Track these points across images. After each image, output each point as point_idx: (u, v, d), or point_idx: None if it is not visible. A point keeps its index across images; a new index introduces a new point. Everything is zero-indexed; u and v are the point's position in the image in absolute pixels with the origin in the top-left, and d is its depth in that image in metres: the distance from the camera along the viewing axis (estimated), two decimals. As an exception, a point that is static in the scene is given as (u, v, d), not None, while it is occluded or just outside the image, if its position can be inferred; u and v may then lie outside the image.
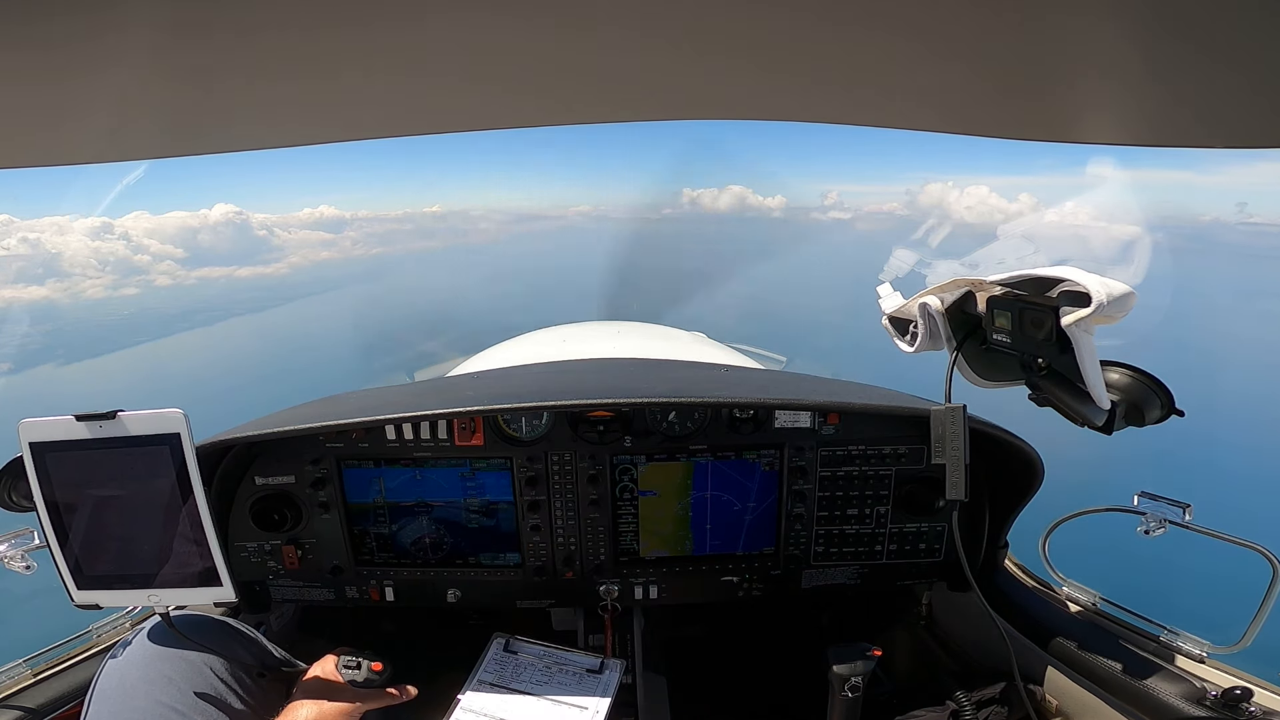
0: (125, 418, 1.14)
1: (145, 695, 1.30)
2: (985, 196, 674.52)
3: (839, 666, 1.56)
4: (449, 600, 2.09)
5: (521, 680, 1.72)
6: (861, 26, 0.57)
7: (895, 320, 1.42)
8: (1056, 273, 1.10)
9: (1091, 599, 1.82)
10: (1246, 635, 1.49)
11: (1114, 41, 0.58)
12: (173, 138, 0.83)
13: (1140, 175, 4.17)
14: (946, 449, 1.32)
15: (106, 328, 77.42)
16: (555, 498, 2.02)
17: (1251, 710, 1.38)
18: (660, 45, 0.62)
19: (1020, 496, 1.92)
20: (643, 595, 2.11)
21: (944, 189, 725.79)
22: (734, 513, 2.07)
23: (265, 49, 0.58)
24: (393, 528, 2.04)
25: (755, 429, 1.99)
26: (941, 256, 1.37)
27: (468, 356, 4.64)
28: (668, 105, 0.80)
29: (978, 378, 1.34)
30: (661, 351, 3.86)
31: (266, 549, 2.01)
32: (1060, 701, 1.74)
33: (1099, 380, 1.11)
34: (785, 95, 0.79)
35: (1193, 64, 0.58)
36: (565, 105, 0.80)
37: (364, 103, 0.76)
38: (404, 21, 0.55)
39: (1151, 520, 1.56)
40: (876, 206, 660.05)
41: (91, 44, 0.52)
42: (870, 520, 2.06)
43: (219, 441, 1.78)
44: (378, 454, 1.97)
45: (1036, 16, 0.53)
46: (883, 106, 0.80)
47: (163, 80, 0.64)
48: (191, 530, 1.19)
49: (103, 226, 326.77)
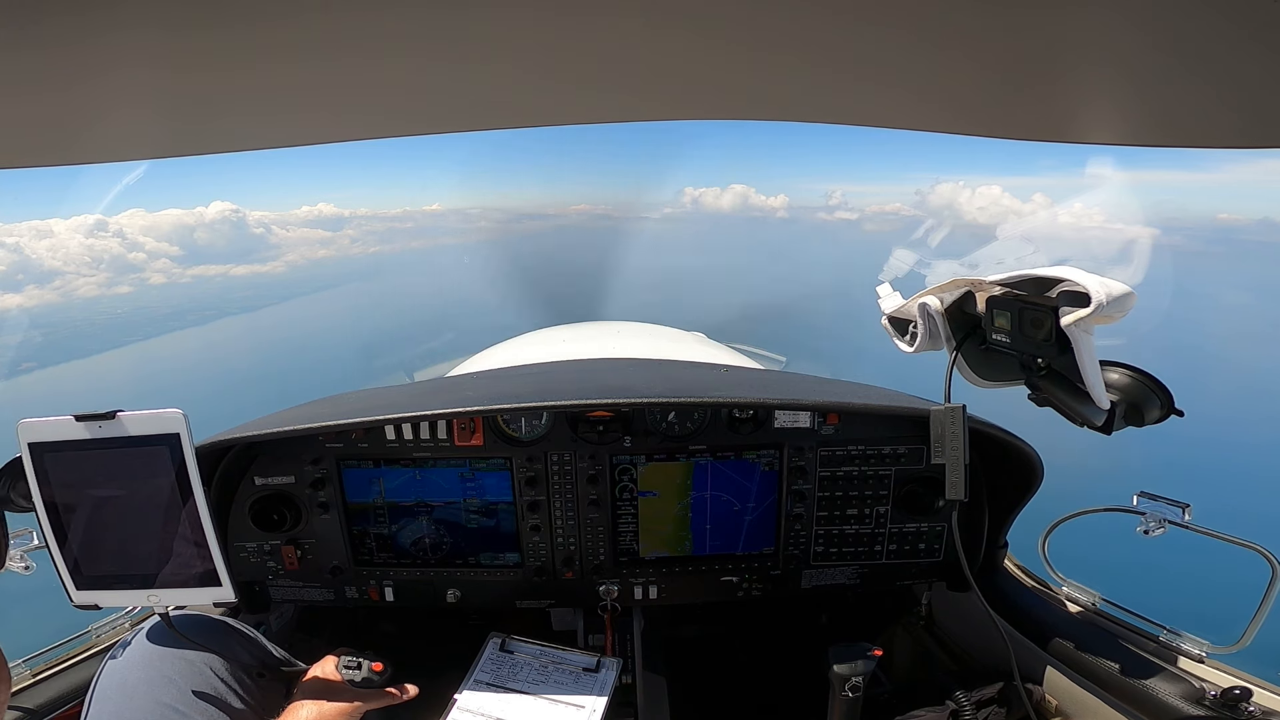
0: (124, 418, 1.14)
1: (146, 695, 1.30)
2: (998, 197, 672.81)
3: (839, 666, 1.56)
4: (449, 600, 2.09)
5: (518, 679, 1.72)
6: (862, 27, 0.57)
7: (895, 320, 1.42)
8: (1056, 273, 1.10)
9: (1091, 599, 1.82)
10: (1246, 635, 1.49)
11: (1116, 41, 0.58)
12: (173, 138, 0.83)
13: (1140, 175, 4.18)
14: (946, 449, 1.32)
15: (98, 326, 77.21)
16: (555, 498, 2.02)
17: (1251, 710, 1.38)
18: (661, 45, 0.62)
19: (1020, 496, 1.92)
20: (642, 595, 2.11)
21: (955, 189, 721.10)
22: (734, 513, 2.07)
23: (265, 49, 0.58)
24: (392, 528, 2.04)
25: (755, 429, 1.99)
26: (941, 256, 1.37)
27: (468, 356, 4.64)
28: (668, 105, 0.80)
29: (977, 378, 1.34)
30: (661, 351, 3.86)
31: (266, 549, 2.01)
32: (1060, 701, 1.74)
33: (1098, 380, 1.11)
34: (786, 95, 0.79)
35: (1193, 64, 0.58)
36: (565, 105, 0.80)
37: (364, 103, 0.76)
38: (404, 22, 0.55)
39: (1151, 520, 1.56)
40: (885, 207, 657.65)
41: (91, 44, 0.52)
42: (870, 520, 2.06)
43: (219, 441, 1.78)
44: (378, 454, 1.97)
45: (1038, 17, 0.53)
46: (883, 106, 0.80)
47: (163, 80, 0.64)
48: (191, 530, 1.19)
49: (96, 224, 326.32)
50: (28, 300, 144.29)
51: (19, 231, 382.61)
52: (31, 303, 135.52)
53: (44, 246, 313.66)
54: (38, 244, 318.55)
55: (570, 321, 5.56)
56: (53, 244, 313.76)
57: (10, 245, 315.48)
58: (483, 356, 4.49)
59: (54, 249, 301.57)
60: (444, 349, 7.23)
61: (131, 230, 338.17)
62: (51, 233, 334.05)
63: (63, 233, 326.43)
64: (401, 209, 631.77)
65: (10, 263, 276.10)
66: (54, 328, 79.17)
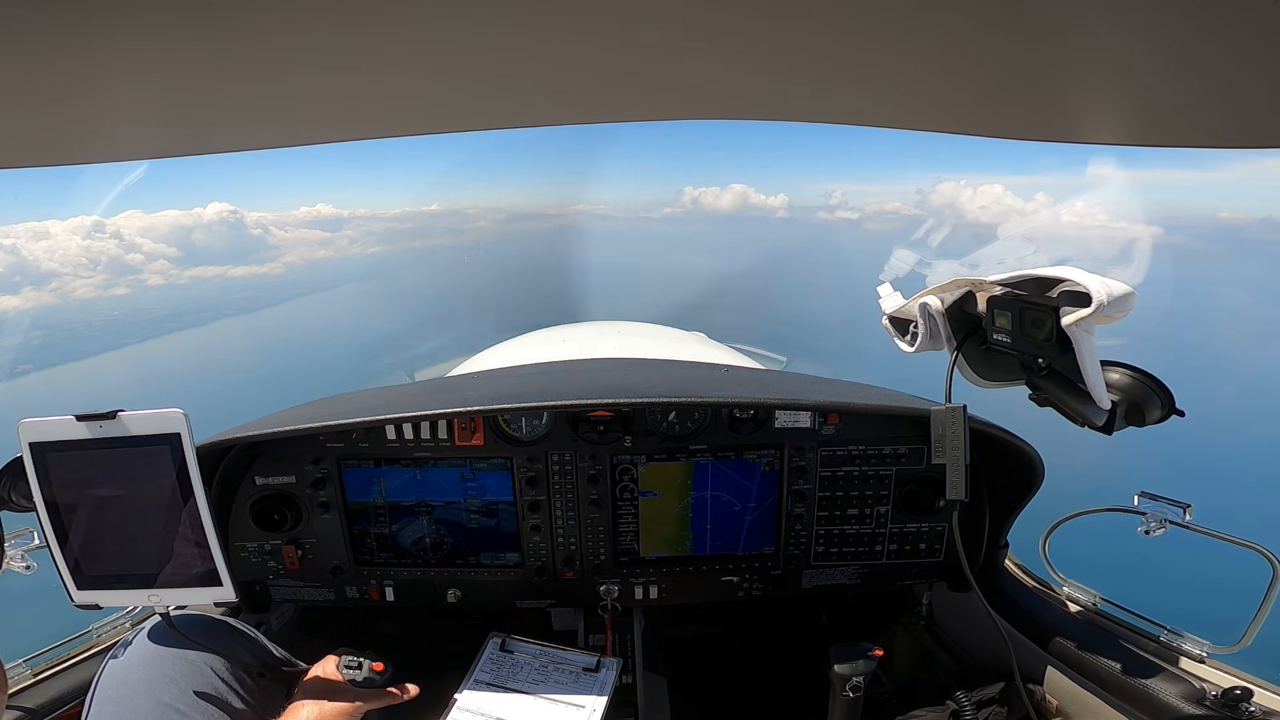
0: (125, 418, 1.14)
1: (147, 695, 1.30)
2: (1000, 196, 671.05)
3: (840, 666, 1.56)
4: (449, 600, 2.09)
5: (518, 679, 1.72)
6: (862, 27, 0.57)
7: (895, 320, 1.42)
8: (1057, 273, 1.10)
9: (1091, 599, 1.82)
10: (1246, 635, 1.49)
11: (1116, 42, 0.58)
12: (171, 138, 0.83)
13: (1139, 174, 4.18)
14: (946, 449, 1.32)
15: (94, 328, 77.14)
16: (555, 498, 2.02)
17: (1251, 710, 1.38)
18: (661, 45, 0.62)
19: (1020, 496, 1.92)
20: (643, 595, 2.11)
21: (957, 188, 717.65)
22: (734, 513, 2.07)
23: (266, 49, 0.58)
24: (393, 528, 2.04)
25: (755, 429, 1.99)
26: (942, 256, 1.37)
27: (468, 356, 4.64)
28: (669, 105, 0.80)
29: (978, 378, 1.34)
30: (662, 351, 3.86)
31: (267, 549, 2.01)
32: (1060, 701, 1.74)
33: (1099, 380, 1.11)
34: (786, 95, 0.79)
35: (1193, 65, 0.58)
36: (565, 105, 0.80)
37: (363, 103, 0.76)
38: (404, 21, 0.55)
39: (1151, 520, 1.56)
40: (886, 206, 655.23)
41: (89, 44, 0.52)
42: (870, 520, 2.06)
43: (219, 441, 1.79)
44: (378, 454, 1.97)
45: (1038, 17, 0.53)
46: (883, 107, 0.80)
47: (161, 80, 0.64)
48: (192, 530, 1.19)
49: (94, 225, 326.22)
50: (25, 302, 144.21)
51: (16, 233, 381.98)
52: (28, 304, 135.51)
53: (41, 248, 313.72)
54: (34, 245, 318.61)
55: (568, 322, 5.56)
56: (50, 245, 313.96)
57: (7, 247, 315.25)
58: (483, 356, 4.49)
59: (51, 250, 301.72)
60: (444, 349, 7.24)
61: (129, 231, 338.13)
62: (48, 234, 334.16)
63: (60, 234, 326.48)
64: (400, 209, 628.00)
65: (7, 265, 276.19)
66: (51, 329, 79.09)
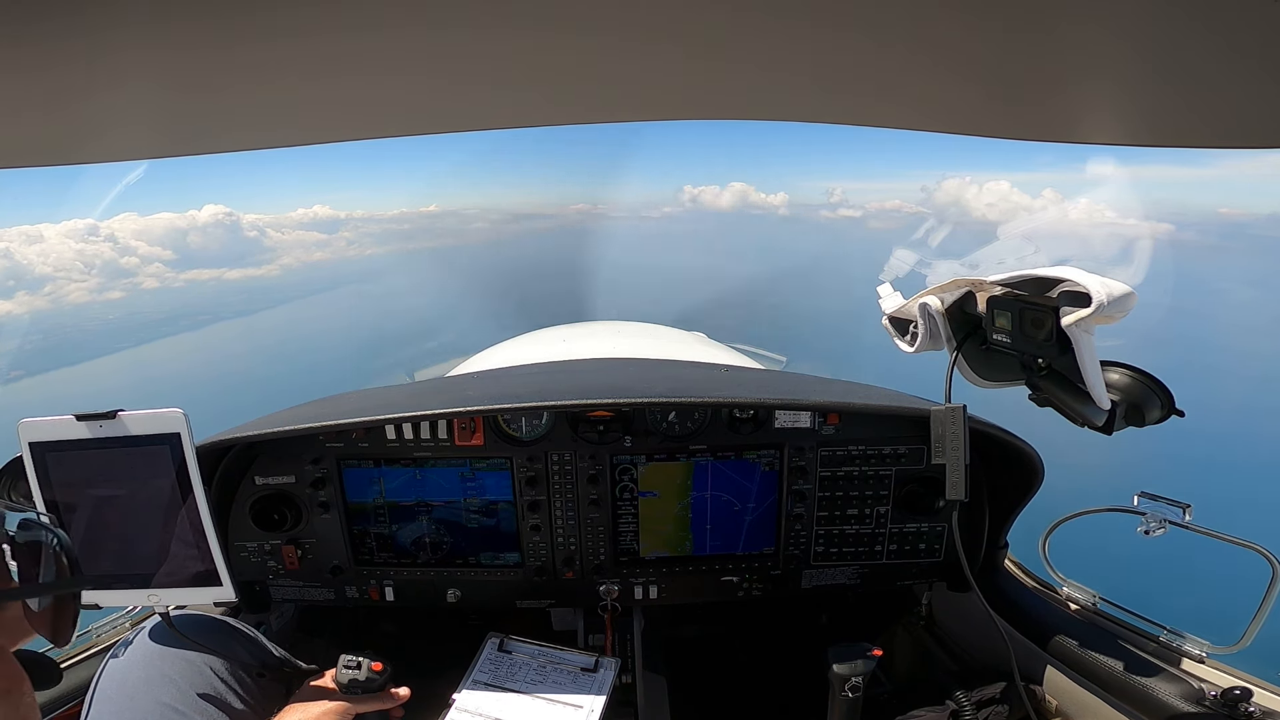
0: (125, 417, 1.14)
1: (146, 695, 1.30)
2: (1006, 193, 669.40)
3: (839, 666, 1.56)
4: (449, 600, 2.09)
5: (516, 680, 1.72)
6: (862, 27, 0.57)
7: (895, 320, 1.42)
8: (1056, 273, 1.10)
9: (1091, 599, 1.82)
10: (1246, 635, 1.49)
11: (1114, 41, 0.58)
12: (167, 139, 0.83)
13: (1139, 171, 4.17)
14: (946, 449, 1.32)
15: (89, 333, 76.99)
16: (555, 498, 2.02)
17: (1251, 710, 1.38)
18: (661, 45, 0.62)
19: (1020, 497, 1.92)
20: (643, 595, 2.11)
21: (961, 185, 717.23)
22: (734, 513, 2.07)
23: (265, 49, 0.58)
24: (393, 528, 2.04)
25: (755, 429, 1.99)
26: (942, 256, 1.37)
27: (468, 356, 4.64)
28: (668, 105, 0.80)
29: (978, 378, 1.34)
30: (661, 351, 3.85)
31: (266, 549, 2.01)
32: (1060, 701, 1.74)
33: (1099, 380, 1.11)
34: (786, 95, 0.79)
35: (1194, 64, 0.58)
36: (565, 105, 0.80)
37: (364, 103, 0.76)
38: (403, 21, 0.55)
39: (1151, 520, 1.56)
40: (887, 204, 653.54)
41: (87, 44, 0.52)
42: (870, 520, 2.06)
43: (219, 441, 1.78)
44: (378, 454, 1.97)
45: (1037, 18, 0.53)
46: (883, 107, 0.80)
47: (157, 80, 0.64)
48: (191, 530, 1.19)
49: (88, 228, 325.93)
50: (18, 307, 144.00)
51: (9, 236, 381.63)
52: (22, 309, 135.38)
53: (34, 251, 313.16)
54: (28, 249, 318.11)
55: (568, 322, 5.56)
56: (43, 249, 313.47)
57: (0, 251, 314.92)
58: (483, 356, 4.49)
59: (45, 254, 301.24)
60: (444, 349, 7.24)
61: (123, 234, 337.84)
62: (42, 238, 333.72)
63: (53, 237, 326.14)
64: (398, 210, 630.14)
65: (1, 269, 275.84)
66: (45, 334, 78.95)
